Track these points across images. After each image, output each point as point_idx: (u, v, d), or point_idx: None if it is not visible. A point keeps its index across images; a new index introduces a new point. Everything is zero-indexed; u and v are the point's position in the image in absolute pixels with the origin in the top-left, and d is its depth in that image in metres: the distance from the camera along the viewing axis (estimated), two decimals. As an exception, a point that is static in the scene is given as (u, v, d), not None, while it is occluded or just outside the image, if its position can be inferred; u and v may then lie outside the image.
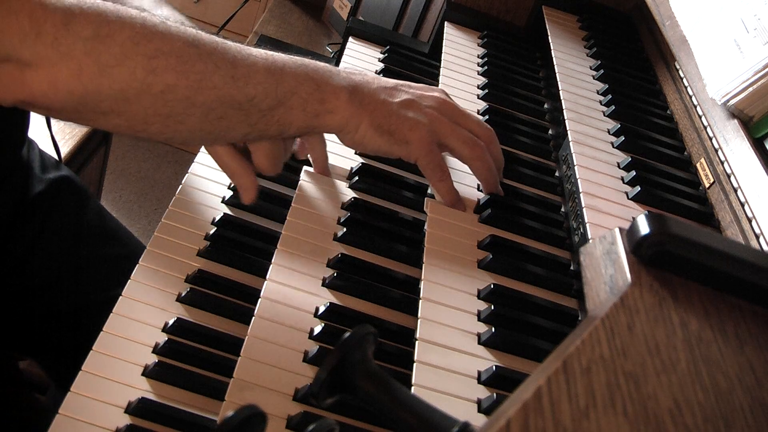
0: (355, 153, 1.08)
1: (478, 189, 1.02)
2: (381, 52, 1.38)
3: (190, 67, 0.79)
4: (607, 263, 0.59)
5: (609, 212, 0.95)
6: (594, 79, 1.24)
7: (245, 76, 0.83)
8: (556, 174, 1.10)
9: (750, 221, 0.88)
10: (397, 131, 0.92)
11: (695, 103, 1.11)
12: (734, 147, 0.96)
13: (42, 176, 1.20)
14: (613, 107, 1.16)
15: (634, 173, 1.02)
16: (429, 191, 1.01)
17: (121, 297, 0.86)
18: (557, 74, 1.21)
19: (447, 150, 0.96)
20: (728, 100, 0.97)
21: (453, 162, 1.02)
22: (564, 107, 1.13)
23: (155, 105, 0.79)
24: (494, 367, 0.77)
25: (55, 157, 1.34)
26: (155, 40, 0.78)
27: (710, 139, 1.03)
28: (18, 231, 1.14)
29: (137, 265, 0.90)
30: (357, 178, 1.03)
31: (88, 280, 1.18)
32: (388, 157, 0.98)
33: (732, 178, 0.95)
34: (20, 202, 1.15)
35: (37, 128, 1.32)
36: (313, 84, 0.88)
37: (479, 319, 0.83)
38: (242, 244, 0.96)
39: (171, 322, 0.85)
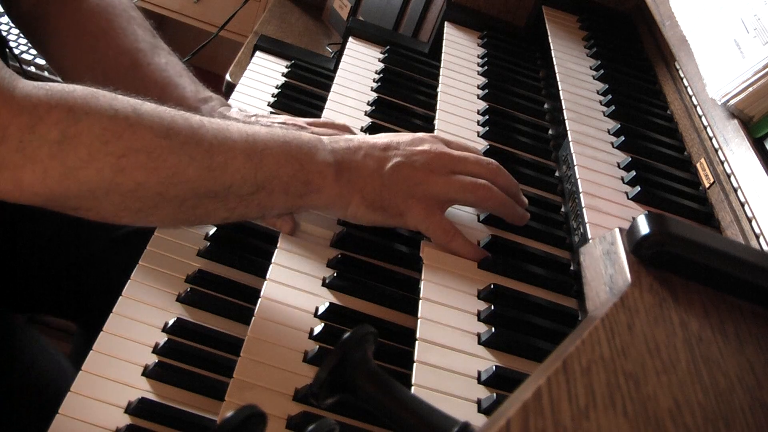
0: None
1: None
2: (381, 52, 1.38)
3: (161, 163, 0.76)
4: (607, 263, 0.60)
5: (609, 212, 0.95)
6: (594, 79, 1.24)
7: (222, 164, 0.79)
8: (556, 174, 1.10)
9: (750, 221, 0.88)
10: (390, 206, 0.88)
11: (695, 103, 1.11)
12: (734, 147, 0.95)
13: None
14: (613, 107, 1.16)
15: (634, 173, 1.02)
16: None
17: (121, 297, 0.86)
18: (557, 74, 1.21)
19: (451, 204, 0.92)
20: (728, 100, 0.97)
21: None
22: (564, 107, 1.13)
23: (125, 201, 0.77)
24: (494, 367, 0.77)
25: None
26: (125, 136, 0.74)
27: (710, 139, 1.03)
28: None
29: (137, 265, 0.90)
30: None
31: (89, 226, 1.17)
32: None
33: (732, 178, 0.95)
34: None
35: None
36: (296, 164, 0.84)
37: (479, 319, 0.83)
38: (242, 244, 0.96)
39: (171, 322, 0.85)
